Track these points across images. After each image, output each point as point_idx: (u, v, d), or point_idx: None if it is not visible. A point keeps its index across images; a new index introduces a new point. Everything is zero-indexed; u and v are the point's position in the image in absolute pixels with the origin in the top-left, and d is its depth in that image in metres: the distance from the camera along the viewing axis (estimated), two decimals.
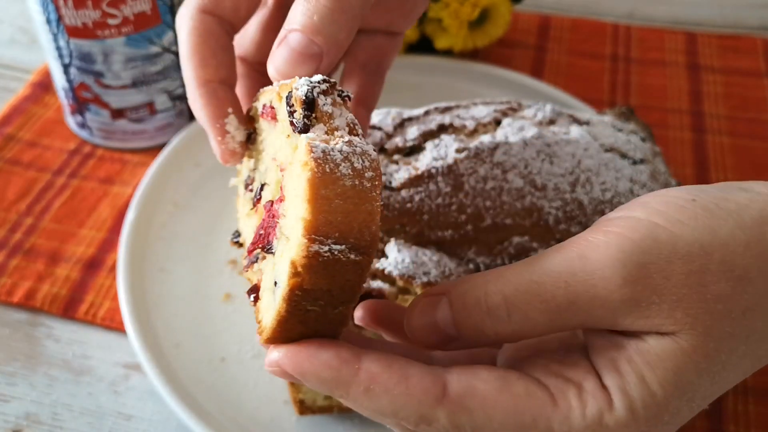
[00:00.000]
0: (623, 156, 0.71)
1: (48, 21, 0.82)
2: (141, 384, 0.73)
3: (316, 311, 0.39)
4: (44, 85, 1.02)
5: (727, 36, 1.17)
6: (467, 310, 0.41)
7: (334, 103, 0.41)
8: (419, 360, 0.47)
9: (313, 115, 0.40)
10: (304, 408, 0.68)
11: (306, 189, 0.36)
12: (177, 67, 0.90)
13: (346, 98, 0.42)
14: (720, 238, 0.39)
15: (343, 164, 0.37)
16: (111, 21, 0.81)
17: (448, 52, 1.05)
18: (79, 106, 0.91)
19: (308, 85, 0.40)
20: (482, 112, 0.73)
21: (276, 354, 0.41)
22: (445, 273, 0.63)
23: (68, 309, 0.78)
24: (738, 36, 1.17)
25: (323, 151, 0.37)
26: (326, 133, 0.39)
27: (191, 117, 0.96)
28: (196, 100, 0.50)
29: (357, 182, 0.36)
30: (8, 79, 1.06)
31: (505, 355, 0.47)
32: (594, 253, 0.39)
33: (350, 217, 0.36)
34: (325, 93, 0.40)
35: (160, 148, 0.92)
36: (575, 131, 0.71)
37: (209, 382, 0.71)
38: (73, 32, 0.82)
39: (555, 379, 0.41)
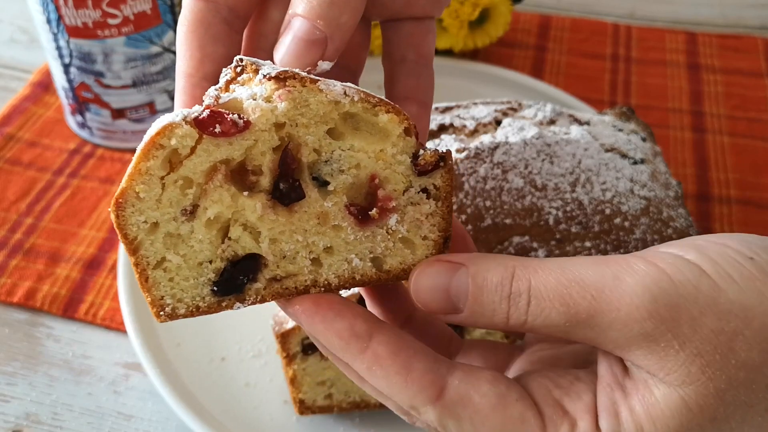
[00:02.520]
0: (623, 156, 0.71)
1: (48, 21, 0.82)
2: (141, 384, 0.73)
3: None
4: (44, 84, 1.02)
5: (728, 36, 1.17)
6: (487, 287, 0.40)
7: (241, 82, 0.42)
8: (443, 341, 0.46)
9: None
10: (304, 408, 0.68)
11: None
12: None
13: (258, 71, 0.42)
14: (767, 305, 0.36)
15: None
16: (111, 21, 0.81)
17: (448, 52, 1.05)
18: (80, 105, 0.91)
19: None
20: (482, 112, 0.73)
21: (296, 306, 0.42)
22: None
23: (68, 309, 0.78)
24: (738, 36, 1.17)
25: None
26: None
27: None
28: (176, 92, 0.48)
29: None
30: (8, 78, 1.06)
31: (521, 363, 0.46)
32: (629, 277, 0.37)
33: None
34: (232, 72, 0.42)
35: None
36: (575, 131, 0.71)
37: (209, 382, 0.71)
38: (74, 32, 0.82)
39: (552, 408, 0.40)
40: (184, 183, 0.40)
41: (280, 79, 0.40)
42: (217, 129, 0.40)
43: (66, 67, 0.87)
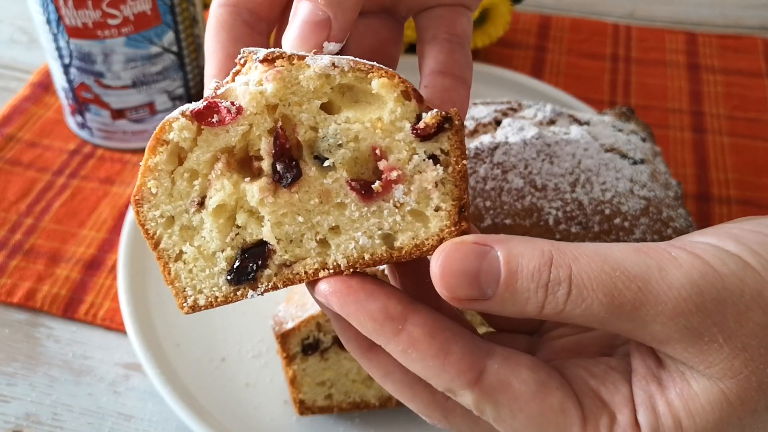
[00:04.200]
0: (623, 156, 0.71)
1: (48, 21, 0.82)
2: (141, 384, 0.73)
3: None
4: (44, 85, 1.02)
5: (728, 36, 1.17)
6: (522, 273, 0.37)
7: (244, 72, 0.42)
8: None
9: None
10: (304, 408, 0.68)
11: None
12: (177, 67, 0.90)
13: (254, 59, 0.42)
14: None
15: None
16: (111, 21, 0.81)
17: None
18: (80, 106, 0.91)
19: None
20: (482, 112, 0.73)
21: (325, 286, 0.41)
22: None
23: (68, 309, 0.78)
24: (738, 36, 1.17)
25: None
26: None
27: None
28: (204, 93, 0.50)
29: None
30: (8, 79, 1.06)
31: (544, 354, 0.45)
32: (675, 269, 0.36)
33: None
34: (239, 65, 0.43)
35: None
36: (575, 131, 0.71)
37: (209, 382, 0.71)
38: (73, 32, 0.82)
39: (591, 399, 0.39)
40: (191, 175, 0.42)
41: (269, 60, 0.41)
42: (215, 119, 0.41)
43: (66, 68, 0.87)
